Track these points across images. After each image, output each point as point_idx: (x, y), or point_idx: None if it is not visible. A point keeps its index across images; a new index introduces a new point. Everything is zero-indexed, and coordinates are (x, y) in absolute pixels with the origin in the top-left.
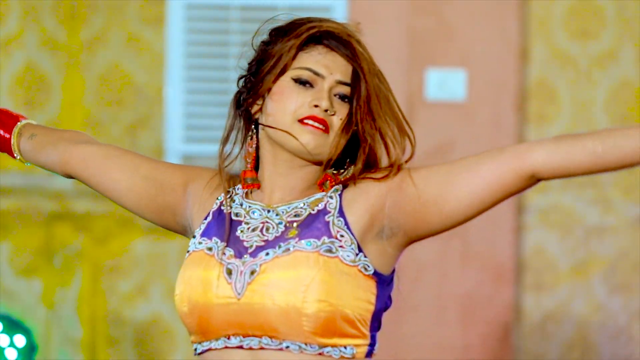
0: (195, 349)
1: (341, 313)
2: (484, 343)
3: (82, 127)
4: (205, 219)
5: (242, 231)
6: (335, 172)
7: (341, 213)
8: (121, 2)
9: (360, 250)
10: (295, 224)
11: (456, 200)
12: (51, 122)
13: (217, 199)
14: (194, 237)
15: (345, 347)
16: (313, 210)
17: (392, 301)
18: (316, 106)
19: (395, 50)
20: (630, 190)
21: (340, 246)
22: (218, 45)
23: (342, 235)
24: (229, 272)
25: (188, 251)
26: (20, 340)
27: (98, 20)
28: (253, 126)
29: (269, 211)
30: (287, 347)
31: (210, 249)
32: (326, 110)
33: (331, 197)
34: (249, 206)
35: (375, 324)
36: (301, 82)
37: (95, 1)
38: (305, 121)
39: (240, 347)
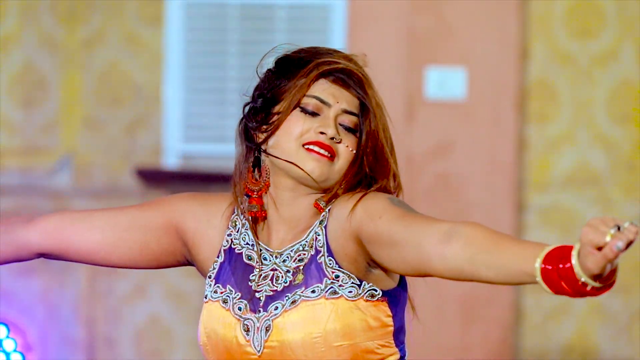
0: None
1: (361, 348)
2: (484, 343)
3: (80, 126)
4: (218, 257)
5: (253, 280)
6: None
7: (330, 252)
8: (120, 1)
9: (361, 280)
10: (301, 268)
11: (403, 273)
12: (50, 121)
13: (227, 235)
14: (209, 277)
15: None
16: (312, 250)
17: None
18: (322, 133)
19: (395, 49)
20: (630, 190)
21: (340, 285)
22: (217, 44)
23: (337, 276)
24: (247, 330)
25: (205, 296)
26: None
27: (96, 19)
28: (257, 154)
29: (277, 256)
30: None
31: (225, 301)
32: (332, 138)
33: (318, 234)
34: (260, 250)
35: (400, 336)
36: (307, 111)
37: (93, 0)
38: (311, 147)
39: None
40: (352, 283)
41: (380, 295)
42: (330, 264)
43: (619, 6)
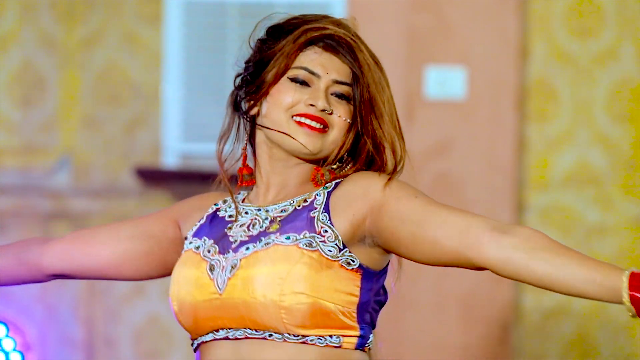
0: (192, 344)
1: (320, 305)
2: (483, 343)
3: (79, 125)
4: (199, 220)
5: (230, 228)
6: (333, 167)
7: (327, 209)
8: (118, 1)
9: (345, 246)
10: (278, 219)
11: (421, 257)
12: (48, 121)
13: (214, 204)
14: (186, 238)
15: (331, 337)
16: (299, 206)
17: (388, 295)
18: (312, 105)
19: (395, 48)
20: (630, 190)
21: (322, 241)
22: (216, 43)
23: (325, 231)
24: (212, 269)
25: (181, 253)
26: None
27: (95, 18)
28: (249, 125)
29: (259, 210)
30: (270, 335)
31: (197, 247)
32: (323, 110)
33: (319, 195)
34: (243, 208)
35: (365, 315)
36: (297, 81)
37: None
38: (302, 120)
39: (226, 338)
40: (336, 244)
41: (356, 266)
42: (323, 219)
43: (619, 6)
